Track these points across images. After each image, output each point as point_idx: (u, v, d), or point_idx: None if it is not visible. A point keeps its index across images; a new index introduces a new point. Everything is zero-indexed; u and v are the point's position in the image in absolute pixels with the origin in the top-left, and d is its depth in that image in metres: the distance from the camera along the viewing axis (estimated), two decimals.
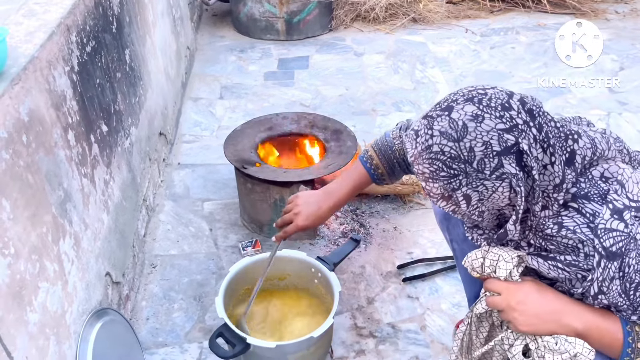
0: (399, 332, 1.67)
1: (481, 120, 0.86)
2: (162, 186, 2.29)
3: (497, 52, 3.40)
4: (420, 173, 0.92)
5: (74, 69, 1.40)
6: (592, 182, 0.94)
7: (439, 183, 0.90)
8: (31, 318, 1.06)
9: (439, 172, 0.89)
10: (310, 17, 3.58)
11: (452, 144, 0.87)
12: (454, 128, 0.87)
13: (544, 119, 0.89)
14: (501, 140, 0.86)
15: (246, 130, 2.08)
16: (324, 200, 1.42)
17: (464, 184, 0.89)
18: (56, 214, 1.21)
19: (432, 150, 0.89)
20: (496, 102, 0.88)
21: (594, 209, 0.91)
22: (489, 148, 0.86)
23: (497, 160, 0.86)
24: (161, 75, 2.41)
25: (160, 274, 1.89)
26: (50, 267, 1.16)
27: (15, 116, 1.07)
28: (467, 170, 0.88)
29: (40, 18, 1.34)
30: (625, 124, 2.67)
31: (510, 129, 0.86)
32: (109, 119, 1.66)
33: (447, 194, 0.92)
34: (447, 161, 0.88)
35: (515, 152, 0.86)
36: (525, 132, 0.86)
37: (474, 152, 0.86)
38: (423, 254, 1.94)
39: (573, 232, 0.91)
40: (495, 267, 0.98)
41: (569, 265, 0.93)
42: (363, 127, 2.67)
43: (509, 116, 0.86)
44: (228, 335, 1.38)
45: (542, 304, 0.96)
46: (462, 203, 0.92)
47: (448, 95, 0.94)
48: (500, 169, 0.87)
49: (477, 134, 0.86)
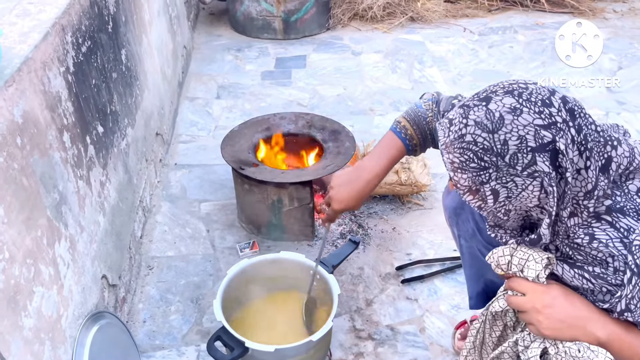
0: (397, 334, 1.66)
1: (519, 113, 0.83)
2: (158, 187, 2.27)
3: (495, 51, 3.39)
4: (449, 162, 0.90)
5: (69, 69, 1.38)
6: (629, 196, 0.91)
7: (468, 174, 0.88)
8: (26, 323, 1.05)
9: (469, 163, 0.87)
10: (308, 15, 3.56)
11: (486, 135, 0.85)
12: (489, 119, 0.85)
13: (584, 121, 0.86)
14: (537, 136, 0.82)
15: (243, 130, 2.07)
16: (358, 178, 1.33)
17: (493, 178, 0.86)
18: (51, 217, 1.20)
19: (464, 140, 0.86)
20: (537, 97, 0.85)
21: (629, 225, 0.88)
22: (523, 143, 0.83)
23: (531, 156, 0.83)
24: (157, 75, 2.40)
25: (157, 275, 1.87)
26: (46, 271, 1.15)
27: (9, 118, 1.05)
28: (499, 163, 0.85)
29: (34, 18, 1.32)
30: (623, 124, 2.65)
31: (549, 126, 0.83)
32: (105, 119, 1.64)
33: (474, 187, 0.89)
34: (478, 152, 0.86)
35: (550, 150, 0.83)
36: (564, 132, 0.83)
37: (508, 145, 0.84)
38: (422, 255, 1.93)
39: (605, 246, 0.88)
40: (523, 266, 0.95)
41: (596, 277, 0.91)
42: (361, 127, 2.65)
43: (549, 113, 0.83)
44: (226, 339, 1.36)
45: (569, 309, 0.93)
46: (490, 198, 0.89)
47: (488, 86, 0.91)
48: (533, 166, 0.84)
49: (513, 127, 0.83)
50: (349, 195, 1.33)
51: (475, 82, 3.06)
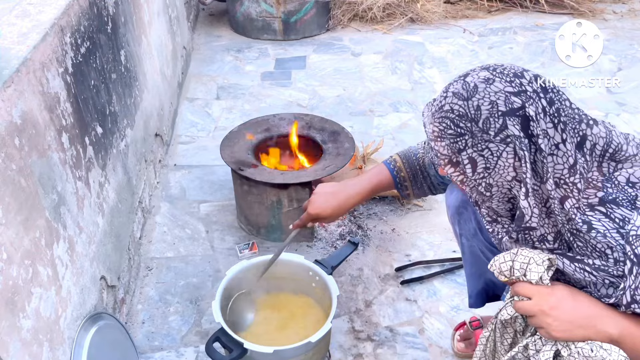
0: (397, 335, 1.66)
1: (491, 82, 0.90)
2: (158, 188, 2.27)
3: (495, 52, 3.39)
4: (430, 132, 0.96)
5: (68, 70, 1.38)
6: (619, 187, 0.92)
7: (446, 142, 0.93)
8: (24, 324, 1.04)
9: (446, 130, 0.93)
10: (308, 16, 3.56)
11: (462, 102, 0.91)
12: (465, 88, 0.91)
13: (557, 97, 0.90)
14: (508, 101, 0.88)
15: (243, 131, 2.07)
16: (341, 192, 1.41)
17: (469, 145, 0.91)
18: (50, 218, 1.20)
19: (443, 109, 0.93)
20: (509, 71, 0.91)
21: (624, 215, 0.90)
22: (494, 107, 0.88)
23: (502, 120, 0.88)
24: (157, 76, 2.39)
25: (156, 276, 1.87)
26: (44, 272, 1.14)
27: (7, 119, 1.05)
28: (473, 129, 0.90)
29: (33, 19, 1.32)
30: (623, 125, 2.66)
31: (518, 93, 0.88)
32: (104, 120, 1.64)
33: (454, 157, 0.94)
34: (455, 119, 0.91)
35: (520, 116, 0.88)
36: (534, 100, 0.88)
37: (481, 110, 0.89)
38: (421, 256, 1.93)
39: (603, 236, 0.90)
40: (525, 270, 0.94)
41: (597, 269, 0.91)
42: (360, 128, 2.65)
43: (519, 82, 0.89)
44: (225, 340, 1.36)
45: (577, 309, 0.92)
46: (468, 168, 0.93)
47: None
48: (505, 131, 0.88)
49: (485, 93, 0.89)
50: (326, 204, 1.41)
51: None
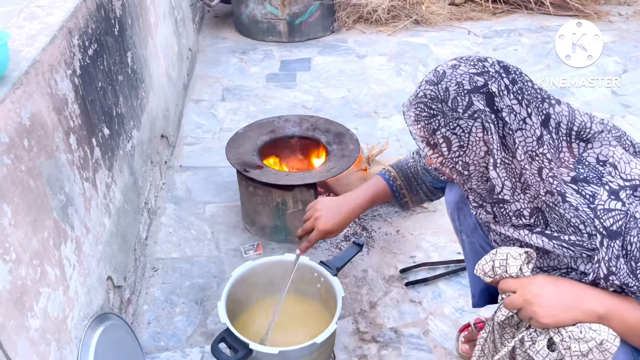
0: (401, 337, 1.66)
1: (457, 67, 0.99)
2: (163, 189, 2.28)
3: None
4: (408, 118, 1.04)
5: (76, 72, 1.39)
6: (590, 166, 0.99)
7: (422, 124, 1.01)
8: (32, 324, 1.05)
9: (421, 114, 1.01)
10: (312, 18, 3.57)
11: (432, 87, 1.00)
12: (435, 75, 1.01)
13: (519, 78, 0.98)
14: (472, 80, 0.96)
15: (248, 132, 2.08)
16: (343, 204, 1.47)
17: (442, 124, 0.99)
18: (57, 219, 1.21)
19: (417, 96, 1.02)
20: (474, 58, 1.01)
21: (593, 191, 0.96)
22: (460, 87, 0.97)
23: (468, 98, 0.96)
24: (163, 77, 2.41)
25: (161, 277, 1.88)
26: (52, 272, 1.15)
27: (16, 121, 1.06)
28: (444, 109, 0.98)
29: (42, 21, 1.34)
30: (628, 127, 2.66)
31: (481, 74, 0.97)
32: (111, 122, 1.65)
33: (431, 139, 1.01)
34: (427, 102, 1.00)
35: (484, 92, 0.95)
36: (496, 79, 0.96)
37: (449, 91, 0.97)
38: (426, 258, 1.93)
39: (575, 209, 0.95)
40: (505, 266, 0.98)
41: (573, 245, 0.96)
42: (365, 130, 2.66)
43: (482, 65, 0.98)
44: (230, 341, 1.37)
45: (559, 293, 0.95)
46: (444, 147, 1.00)
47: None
48: (472, 107, 0.96)
49: (452, 77, 0.98)
50: (335, 219, 1.46)
51: None
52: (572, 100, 2.89)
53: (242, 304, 1.59)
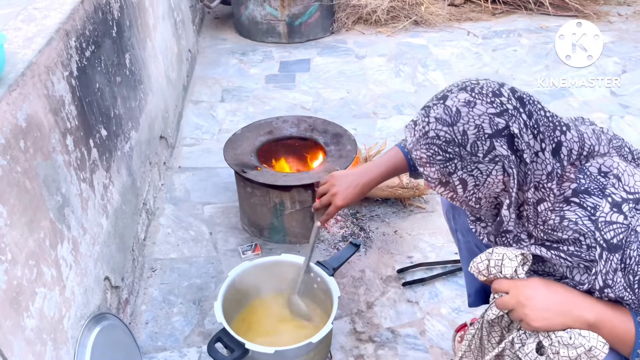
0: (398, 336, 1.67)
1: (473, 105, 0.92)
2: (162, 190, 2.29)
3: (499, 55, 3.40)
4: (418, 158, 0.97)
5: (73, 73, 1.40)
6: (592, 177, 0.96)
7: (436, 167, 0.95)
8: (28, 324, 1.06)
9: (435, 156, 0.94)
10: (312, 19, 3.58)
11: (447, 128, 0.92)
12: (448, 114, 0.93)
13: (534, 107, 0.93)
14: (492, 123, 0.91)
15: (246, 134, 2.08)
16: (360, 178, 1.43)
17: (459, 168, 0.93)
18: (54, 219, 1.21)
19: (428, 136, 0.94)
20: (487, 90, 0.93)
21: (595, 202, 0.94)
22: (481, 131, 0.91)
23: (489, 142, 0.91)
24: (162, 79, 2.42)
25: (159, 277, 1.89)
26: (48, 273, 1.16)
27: (12, 122, 1.07)
28: (462, 153, 0.92)
29: (39, 23, 1.34)
30: (627, 127, 2.66)
31: (501, 113, 0.91)
32: (109, 123, 1.66)
33: (444, 179, 0.96)
34: (442, 145, 0.93)
35: (506, 135, 0.91)
36: (516, 117, 0.91)
37: (467, 135, 0.91)
38: (423, 258, 1.94)
39: (575, 224, 0.93)
40: (500, 266, 0.98)
41: (571, 255, 0.95)
42: (364, 131, 2.66)
43: (500, 102, 0.92)
44: (227, 340, 1.37)
45: (552, 297, 0.95)
46: (459, 188, 0.96)
47: (445, 87, 1.00)
48: (493, 152, 0.91)
49: (469, 118, 0.91)
50: (353, 193, 1.43)
51: None
52: (571, 100, 2.89)
53: (239, 304, 1.59)
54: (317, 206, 1.49)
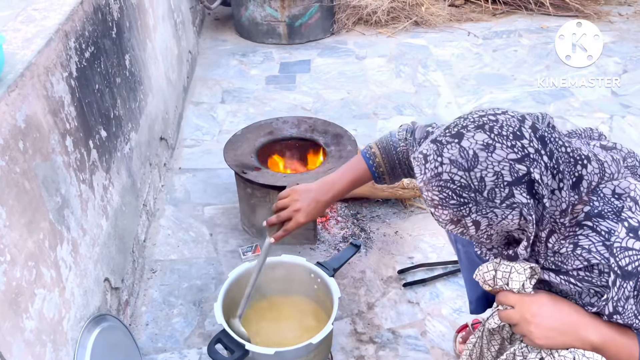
0: (399, 337, 1.66)
1: (492, 150, 0.85)
2: (162, 191, 2.29)
3: (499, 55, 3.39)
4: (429, 199, 0.91)
5: (72, 74, 1.40)
6: (605, 199, 0.92)
7: (449, 210, 0.90)
8: (27, 325, 1.06)
9: (448, 200, 0.88)
10: (312, 20, 3.58)
11: (463, 173, 0.86)
12: (464, 157, 0.86)
13: (555, 145, 0.88)
14: (512, 170, 0.85)
15: (246, 134, 2.08)
16: (324, 193, 1.39)
17: (473, 211, 0.88)
18: (53, 220, 1.21)
19: (441, 178, 0.88)
20: (507, 130, 0.86)
21: (609, 227, 0.90)
22: (500, 178, 0.85)
23: (508, 190, 0.85)
24: (162, 80, 2.42)
25: (160, 279, 1.88)
26: (47, 274, 1.16)
27: (11, 123, 1.07)
28: (477, 198, 0.87)
29: (38, 24, 1.34)
30: (628, 127, 2.65)
31: (522, 159, 0.85)
32: (108, 124, 1.66)
33: (455, 219, 0.91)
34: (457, 190, 0.87)
35: (526, 182, 0.85)
36: (537, 162, 0.85)
37: (485, 182, 0.85)
38: (424, 259, 1.93)
39: (588, 252, 0.90)
40: (507, 279, 0.96)
41: (581, 280, 0.93)
42: (364, 131, 2.66)
43: (521, 145, 0.85)
44: (227, 342, 1.37)
45: (558, 316, 0.93)
46: (471, 228, 0.91)
47: (458, 119, 0.92)
48: (511, 199, 0.86)
49: (488, 164, 0.85)
50: (316, 209, 1.39)
51: (479, 85, 3.06)
52: (572, 100, 2.89)
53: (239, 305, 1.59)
54: (273, 221, 1.41)
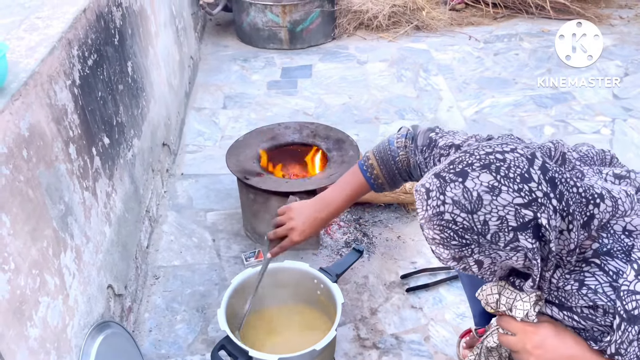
0: (402, 343, 1.66)
1: (498, 193, 0.81)
2: (165, 197, 2.29)
3: (500, 59, 3.40)
4: (430, 238, 0.88)
5: (75, 82, 1.41)
6: (615, 237, 0.89)
7: (450, 250, 0.87)
8: (31, 333, 1.06)
9: (450, 240, 0.86)
10: (313, 25, 3.59)
11: (465, 215, 0.83)
12: (467, 199, 0.82)
13: (566, 186, 0.84)
14: (518, 215, 0.81)
15: (248, 140, 2.08)
16: (319, 211, 1.35)
17: (476, 252, 0.86)
18: (57, 228, 1.22)
19: (443, 218, 0.84)
20: (515, 172, 0.82)
21: (618, 267, 0.87)
22: (504, 223, 0.82)
23: (513, 234, 0.82)
24: (164, 86, 2.42)
25: (163, 285, 1.88)
26: (51, 281, 1.16)
27: (15, 131, 1.08)
28: (480, 241, 0.84)
29: (41, 33, 1.35)
30: (630, 131, 2.65)
31: (529, 204, 0.81)
32: (111, 131, 1.66)
33: (457, 256, 0.89)
34: (459, 231, 0.84)
35: (532, 227, 0.82)
36: (545, 206, 0.81)
37: (488, 225, 0.82)
38: (427, 264, 1.93)
39: (594, 292, 0.88)
40: (511, 305, 0.95)
41: (585, 318, 0.91)
42: (366, 136, 2.66)
43: (528, 189, 0.81)
44: (230, 348, 1.37)
45: (561, 349, 0.92)
46: (474, 267, 0.89)
47: (463, 154, 0.88)
48: (516, 243, 0.83)
49: (492, 207, 0.81)
50: (311, 227, 1.35)
51: (481, 89, 3.07)
52: (574, 104, 2.89)
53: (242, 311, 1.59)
54: (272, 236, 1.40)
